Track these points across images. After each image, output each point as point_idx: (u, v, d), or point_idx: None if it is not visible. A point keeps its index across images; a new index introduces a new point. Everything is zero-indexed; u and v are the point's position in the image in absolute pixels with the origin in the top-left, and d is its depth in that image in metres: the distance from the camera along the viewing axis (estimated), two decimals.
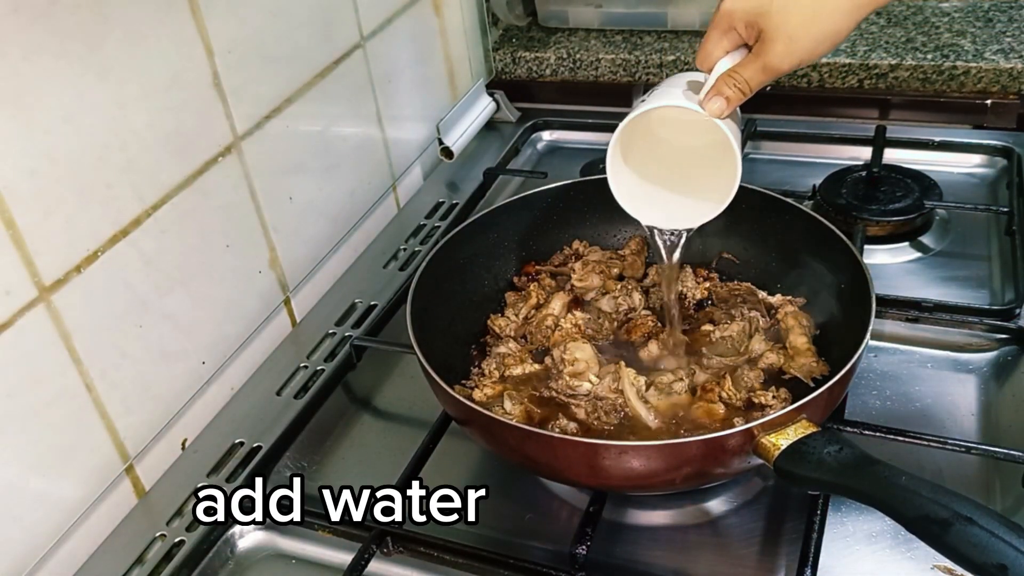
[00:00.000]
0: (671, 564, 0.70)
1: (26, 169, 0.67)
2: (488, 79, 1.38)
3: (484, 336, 0.88)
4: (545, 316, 0.87)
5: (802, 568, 0.65)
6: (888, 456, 0.72)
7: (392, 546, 0.72)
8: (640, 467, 0.65)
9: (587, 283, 0.90)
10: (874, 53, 1.22)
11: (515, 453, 0.71)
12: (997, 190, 1.08)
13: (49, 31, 0.68)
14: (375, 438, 0.86)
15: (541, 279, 0.93)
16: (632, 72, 1.33)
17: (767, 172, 1.16)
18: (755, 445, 0.64)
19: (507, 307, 0.90)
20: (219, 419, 0.89)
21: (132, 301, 0.78)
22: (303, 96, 0.97)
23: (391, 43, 1.12)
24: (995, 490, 0.72)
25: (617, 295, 0.89)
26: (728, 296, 0.88)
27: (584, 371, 0.78)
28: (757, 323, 0.83)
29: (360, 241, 1.11)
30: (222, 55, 0.85)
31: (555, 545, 0.71)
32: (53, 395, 0.72)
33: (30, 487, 0.71)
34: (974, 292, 0.93)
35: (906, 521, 0.56)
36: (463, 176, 1.24)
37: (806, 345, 0.80)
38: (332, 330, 0.98)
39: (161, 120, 0.79)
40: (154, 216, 0.79)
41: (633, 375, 0.77)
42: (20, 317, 0.68)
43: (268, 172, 0.93)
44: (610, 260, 0.93)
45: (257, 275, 0.94)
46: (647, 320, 0.86)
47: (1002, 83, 1.17)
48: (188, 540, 0.76)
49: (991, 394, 0.81)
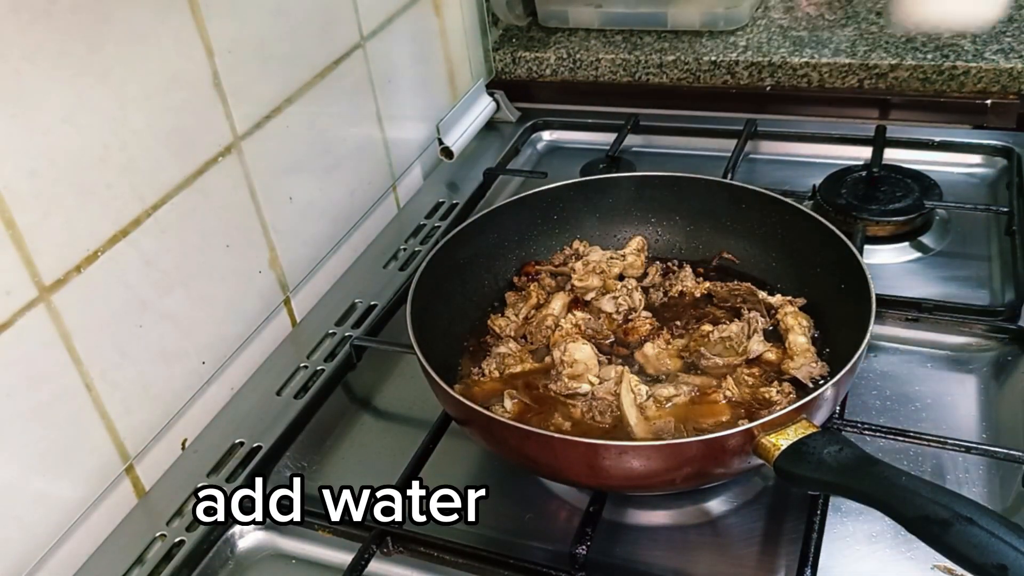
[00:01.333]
0: (671, 564, 0.70)
1: (26, 169, 0.67)
2: (488, 79, 1.38)
3: (484, 336, 0.88)
4: (545, 316, 0.87)
5: (802, 568, 0.65)
6: (888, 456, 0.73)
7: (392, 546, 0.72)
8: (640, 467, 0.65)
9: (587, 283, 0.90)
10: (874, 53, 1.22)
11: (515, 453, 0.71)
12: (997, 190, 1.08)
13: (49, 31, 0.68)
14: (375, 438, 0.86)
15: (541, 279, 0.93)
16: (632, 72, 1.33)
17: (767, 172, 1.16)
18: (755, 445, 0.64)
19: (507, 307, 0.90)
20: (219, 419, 0.89)
21: (132, 301, 0.78)
22: (303, 96, 0.97)
23: (391, 43, 1.12)
24: (995, 490, 0.72)
25: (617, 295, 0.89)
26: (728, 296, 0.88)
27: (583, 372, 0.78)
28: (757, 323, 0.83)
29: (360, 241, 1.11)
30: (222, 55, 0.85)
31: (555, 545, 0.71)
32: (53, 395, 0.72)
33: (30, 487, 0.71)
34: (974, 292, 0.93)
35: (906, 521, 0.56)
36: (463, 176, 1.24)
37: (806, 345, 0.80)
38: (332, 330, 0.98)
39: (161, 120, 0.79)
40: (154, 216, 0.79)
41: (635, 382, 0.77)
42: (20, 317, 0.68)
43: (268, 172, 0.93)
44: (610, 260, 0.93)
45: (257, 275, 0.94)
46: (647, 322, 0.86)
47: (1002, 83, 1.17)
48: (188, 540, 0.76)
49: (991, 394, 0.81)
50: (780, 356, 0.80)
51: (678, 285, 0.90)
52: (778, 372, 0.79)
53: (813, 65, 1.23)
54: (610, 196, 0.96)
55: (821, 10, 1.35)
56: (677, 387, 0.77)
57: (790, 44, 1.27)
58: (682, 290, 0.90)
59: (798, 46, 1.26)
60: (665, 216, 0.96)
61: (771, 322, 0.84)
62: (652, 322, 0.87)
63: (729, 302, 0.88)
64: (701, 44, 1.31)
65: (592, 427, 0.75)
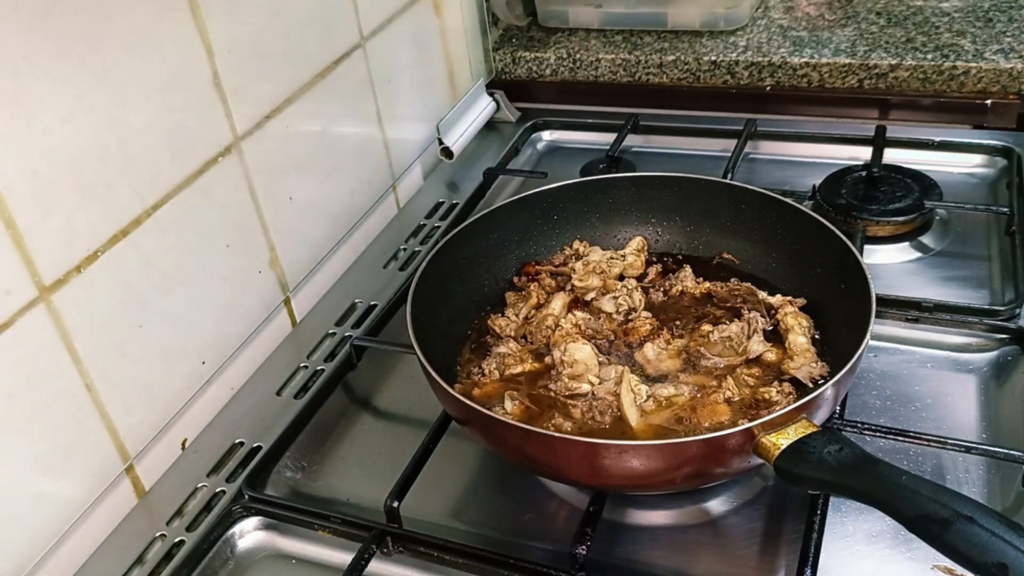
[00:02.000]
0: (671, 564, 0.70)
1: (26, 169, 0.67)
2: (488, 79, 1.38)
3: (484, 336, 0.88)
4: (545, 316, 0.87)
5: (802, 568, 0.65)
6: (888, 456, 0.73)
7: (392, 546, 0.72)
8: (640, 467, 0.65)
9: (587, 283, 0.90)
10: (874, 53, 1.22)
11: (515, 453, 0.71)
12: (997, 190, 1.08)
13: (49, 31, 0.68)
14: (375, 438, 0.86)
15: (541, 279, 0.93)
16: (632, 72, 1.33)
17: (767, 172, 1.16)
18: (755, 445, 0.64)
19: (507, 307, 0.90)
20: (219, 419, 0.89)
21: (132, 301, 0.78)
22: (303, 96, 0.97)
23: (391, 43, 1.12)
24: (995, 490, 0.72)
25: (617, 295, 0.89)
26: (728, 296, 0.88)
27: (583, 372, 0.78)
28: (757, 323, 0.83)
29: (360, 241, 1.11)
30: (222, 55, 0.85)
31: (555, 545, 0.71)
32: (53, 395, 0.72)
33: (30, 487, 0.71)
34: (974, 292, 0.93)
35: (906, 521, 0.56)
36: (463, 176, 1.24)
37: (806, 346, 0.80)
38: (332, 330, 0.98)
39: (161, 120, 0.79)
40: (154, 216, 0.79)
41: (635, 382, 0.77)
42: (20, 317, 0.68)
43: (268, 172, 0.93)
44: (610, 260, 0.93)
45: (257, 275, 0.94)
46: (647, 322, 0.86)
47: (1002, 83, 1.17)
48: (188, 540, 0.76)
49: (991, 394, 0.81)
50: (780, 356, 0.80)
51: (678, 285, 0.90)
52: (778, 372, 0.79)
53: (813, 65, 1.23)
54: (610, 196, 0.96)
55: (821, 10, 1.35)
56: (677, 387, 0.77)
57: (790, 44, 1.27)
58: (682, 290, 0.90)
59: (798, 46, 1.26)
60: (665, 216, 0.96)
61: (771, 322, 0.84)
62: (652, 322, 0.87)
63: (729, 302, 0.88)
64: (701, 44, 1.31)
65: (592, 427, 0.75)
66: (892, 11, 1.32)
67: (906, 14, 1.31)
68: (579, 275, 0.90)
